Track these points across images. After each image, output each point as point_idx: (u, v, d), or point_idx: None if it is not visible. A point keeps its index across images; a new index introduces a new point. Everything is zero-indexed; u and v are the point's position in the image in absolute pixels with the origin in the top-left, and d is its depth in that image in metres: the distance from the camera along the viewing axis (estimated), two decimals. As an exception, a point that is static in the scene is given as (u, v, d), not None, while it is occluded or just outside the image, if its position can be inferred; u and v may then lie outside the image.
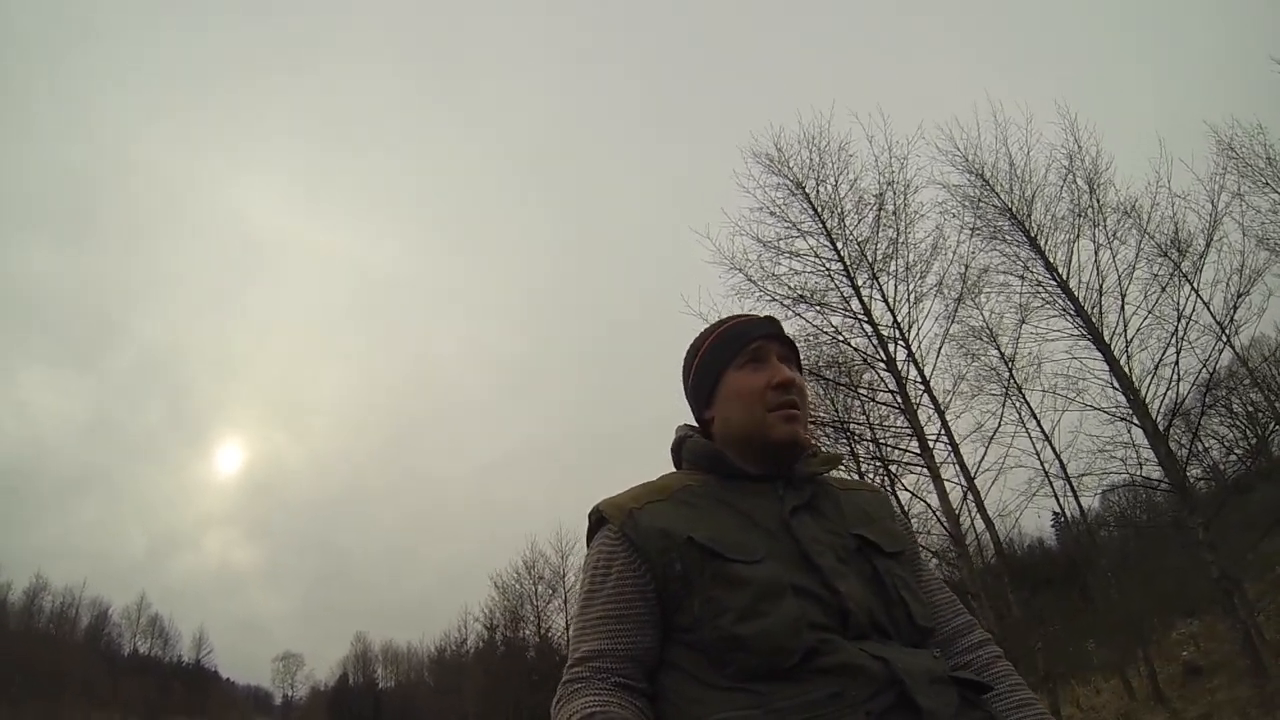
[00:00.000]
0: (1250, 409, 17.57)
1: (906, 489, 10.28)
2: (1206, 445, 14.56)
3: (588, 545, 1.24)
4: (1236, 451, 17.28)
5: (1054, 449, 12.85)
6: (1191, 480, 10.55)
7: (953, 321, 10.35)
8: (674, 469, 1.36)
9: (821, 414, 10.35)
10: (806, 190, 10.57)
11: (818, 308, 10.33)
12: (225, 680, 68.72)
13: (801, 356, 1.39)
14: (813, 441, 1.33)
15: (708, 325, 1.39)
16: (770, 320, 1.34)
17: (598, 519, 1.22)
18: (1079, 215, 10.15)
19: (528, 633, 31.31)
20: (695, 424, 1.39)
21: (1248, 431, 17.82)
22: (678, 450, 1.35)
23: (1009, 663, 1.24)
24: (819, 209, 10.51)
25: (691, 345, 1.39)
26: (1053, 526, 27.95)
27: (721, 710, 1.01)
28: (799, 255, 10.55)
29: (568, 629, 29.79)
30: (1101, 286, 9.90)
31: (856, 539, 1.18)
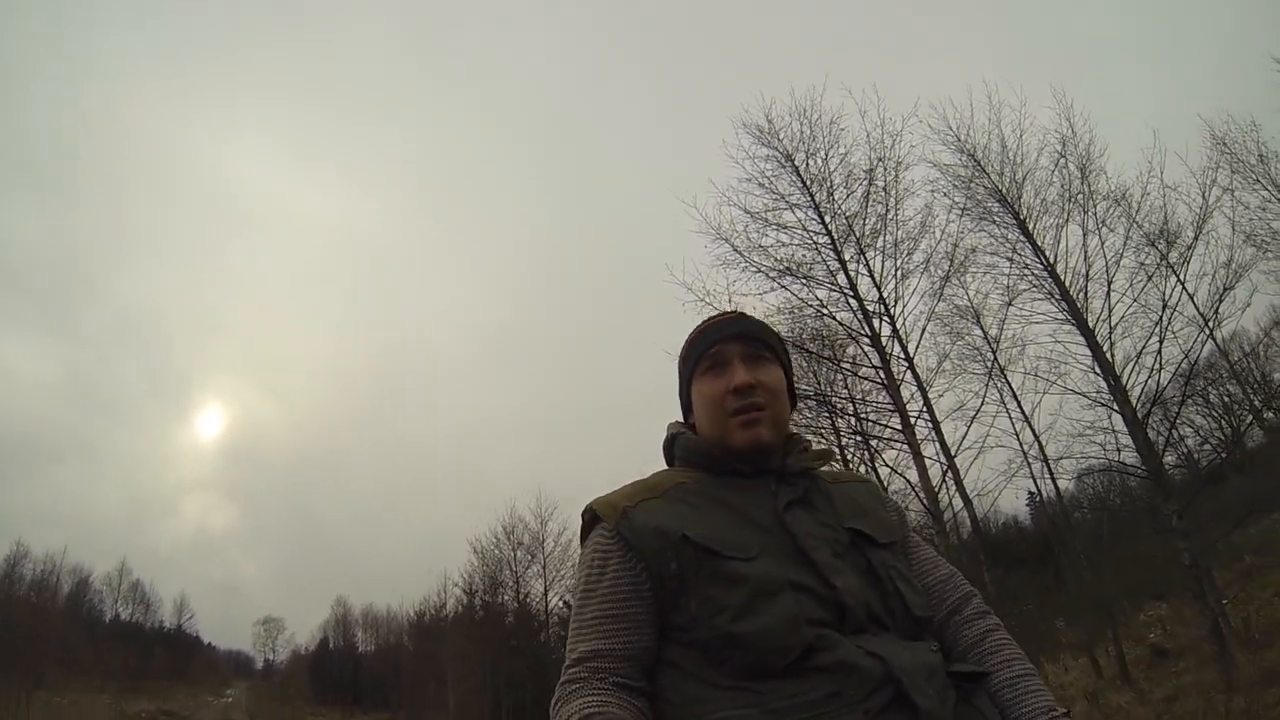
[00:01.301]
0: (1227, 400, 17.86)
1: (886, 464, 10.39)
2: (1182, 434, 14.77)
3: (581, 544, 1.24)
4: (1211, 442, 17.61)
5: (1033, 431, 13.00)
6: (1167, 468, 10.68)
7: (939, 300, 10.41)
8: (665, 465, 1.36)
9: (804, 386, 10.34)
10: (796, 163, 10.51)
11: (803, 280, 10.30)
12: (207, 645, 69.16)
13: (786, 330, 1.39)
14: (800, 435, 1.33)
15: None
16: (730, 320, 1.34)
17: (591, 518, 1.22)
18: (1069, 200, 10.16)
19: (506, 598, 31.45)
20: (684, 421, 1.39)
21: (1223, 423, 18.14)
22: (669, 447, 1.35)
23: (1006, 633, 1.23)
24: (808, 182, 10.46)
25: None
26: (1027, 506, 28.49)
27: (720, 709, 1.01)
28: (786, 227, 10.52)
29: (546, 595, 30.05)
30: (1088, 272, 9.95)
31: (850, 532, 1.19)
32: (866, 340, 9.99)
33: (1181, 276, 9.65)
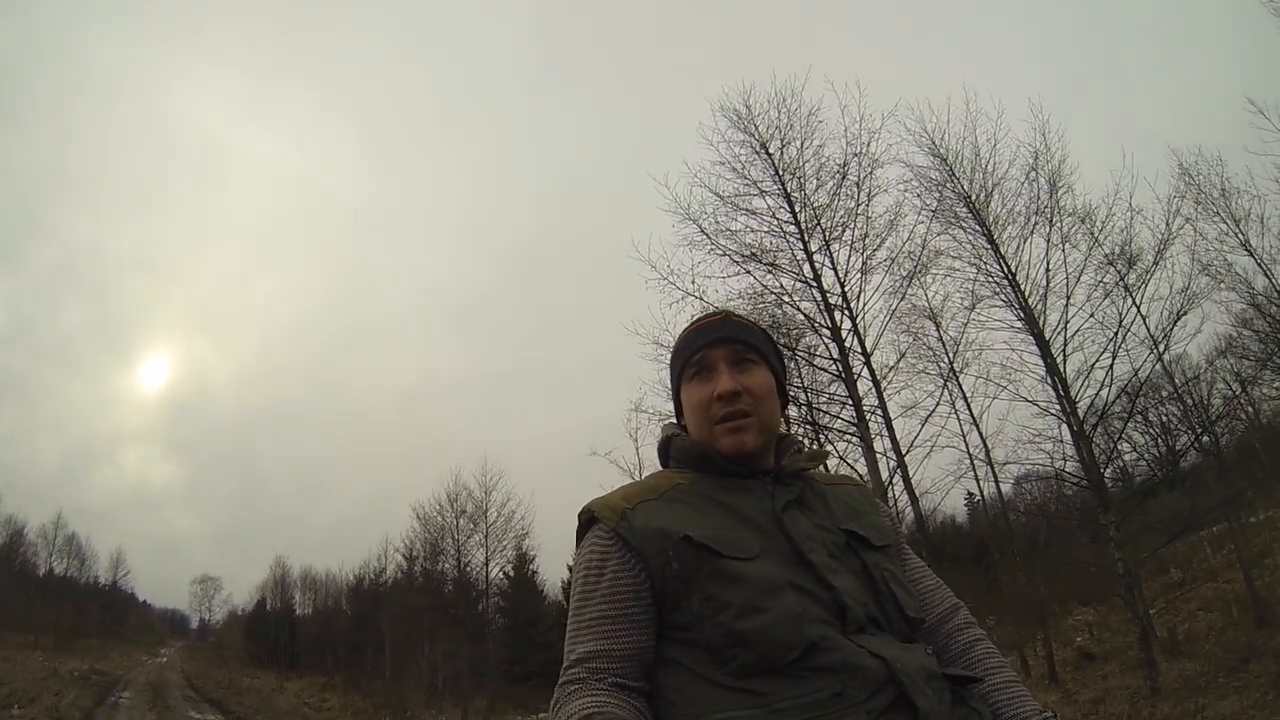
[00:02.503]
0: (1165, 420, 18.51)
1: (836, 454, 10.50)
2: (1121, 449, 15.28)
3: (577, 545, 1.23)
4: (1147, 458, 18.26)
5: (981, 434, 13.30)
6: (1107, 481, 11.02)
7: (901, 299, 10.51)
8: (661, 467, 1.37)
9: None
10: (770, 151, 10.52)
11: (768, 267, 10.34)
12: (142, 603, 67.63)
13: (745, 313, 1.36)
14: (794, 436, 1.35)
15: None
16: (715, 324, 1.32)
17: (588, 519, 1.22)
18: (1036, 213, 10.33)
19: (447, 566, 31.05)
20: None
21: (1159, 441, 18.82)
22: (665, 448, 1.36)
23: (992, 645, 1.27)
24: (780, 170, 10.47)
25: None
26: (965, 506, 29.34)
27: (723, 709, 1.01)
28: (755, 214, 10.56)
29: (487, 564, 29.92)
30: (1049, 285, 10.14)
31: (845, 534, 1.20)
32: (827, 332, 10.06)
33: (1138, 299, 9.90)
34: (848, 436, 10.08)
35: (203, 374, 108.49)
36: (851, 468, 10.19)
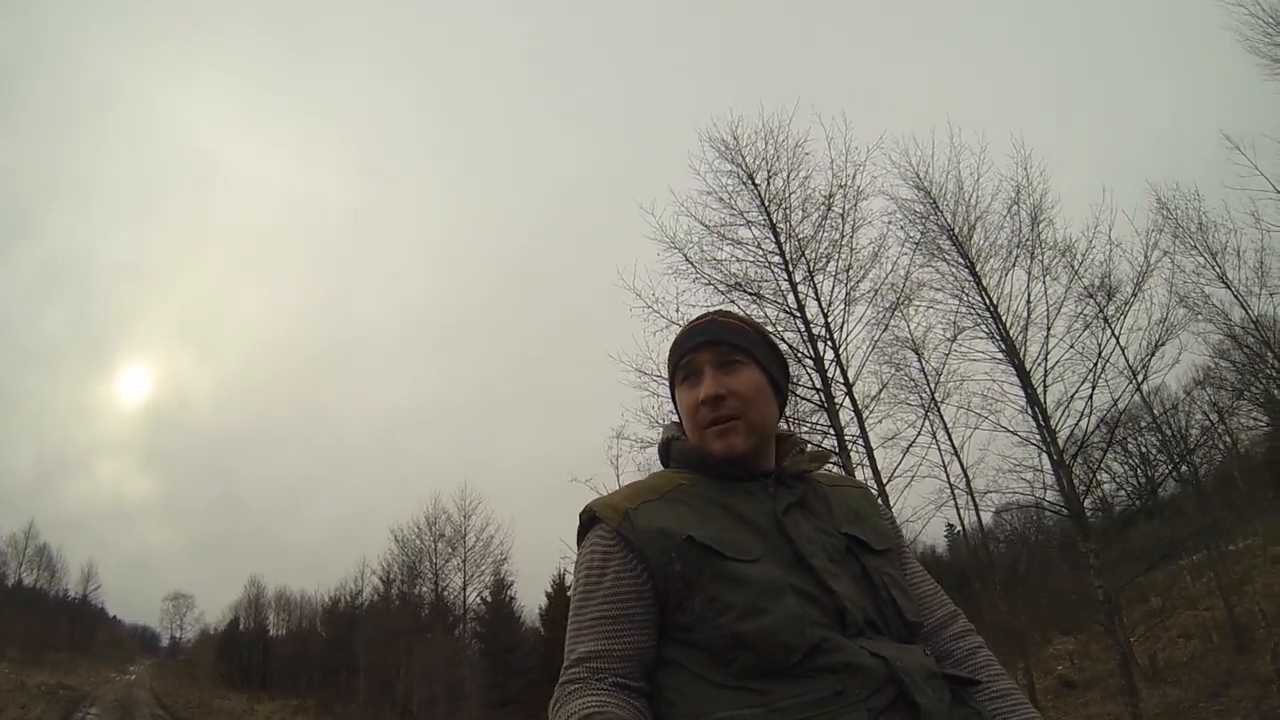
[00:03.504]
0: (1144, 451, 18.71)
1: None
2: (1100, 479, 15.41)
3: (578, 545, 1.23)
4: (1126, 488, 18.41)
5: (961, 464, 13.31)
6: (1087, 510, 11.07)
7: (883, 329, 10.52)
8: (662, 468, 1.37)
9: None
10: (757, 181, 10.55)
11: (752, 297, 10.33)
12: (112, 618, 66.01)
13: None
14: (797, 436, 1.36)
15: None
16: (700, 328, 1.32)
17: (590, 519, 1.22)
18: (1018, 246, 10.45)
19: (424, 589, 30.93)
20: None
21: (1139, 471, 19.00)
22: (665, 450, 1.36)
23: (990, 653, 1.27)
24: (766, 201, 10.51)
25: None
26: (945, 537, 29.39)
27: (724, 708, 1.01)
28: (741, 244, 10.56)
29: (464, 589, 29.64)
30: (1029, 316, 10.22)
31: (846, 538, 1.20)
32: (810, 362, 10.07)
33: (1116, 330, 10.00)
34: (829, 466, 10.04)
35: (183, 386, 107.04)
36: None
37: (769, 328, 10.25)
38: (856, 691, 1.00)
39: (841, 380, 10.06)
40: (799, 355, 10.09)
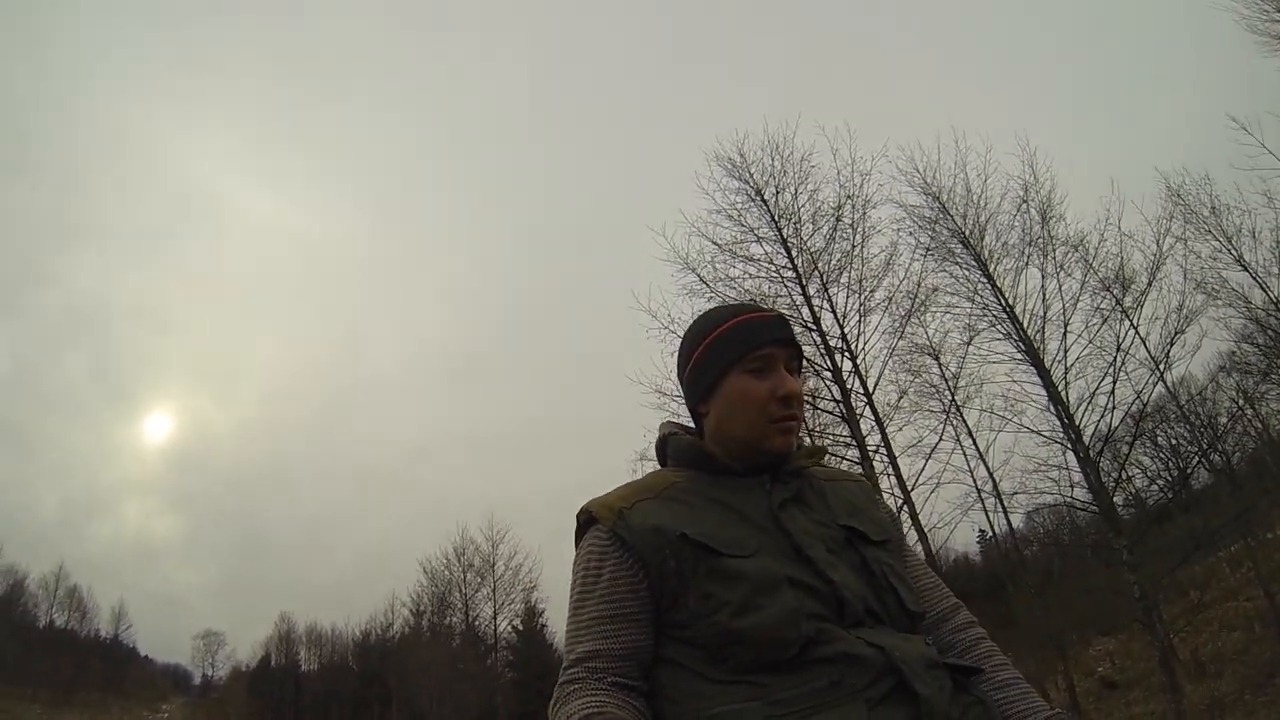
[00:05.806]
0: (1174, 443, 18.43)
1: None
2: (1130, 474, 15.19)
3: (576, 546, 1.22)
4: (1158, 482, 18.11)
5: (987, 467, 13.17)
6: (1117, 507, 10.91)
7: (900, 337, 10.53)
8: (658, 466, 1.36)
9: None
10: (765, 197, 10.64)
11: (767, 313, 10.34)
12: (143, 657, 66.14)
13: None
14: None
15: (714, 309, 1.34)
16: (781, 323, 1.29)
17: (586, 519, 1.21)
18: (1029, 244, 10.42)
19: (455, 620, 30.77)
20: (678, 419, 1.39)
21: (1170, 464, 18.70)
22: (662, 447, 1.35)
23: (994, 643, 1.26)
24: (776, 216, 10.59)
25: (693, 331, 1.34)
26: (978, 543, 28.91)
27: (722, 703, 1.01)
28: (753, 260, 10.66)
29: (495, 619, 29.55)
30: (1046, 314, 10.19)
31: (844, 529, 1.19)
32: (828, 375, 10.07)
33: (1135, 320, 9.93)
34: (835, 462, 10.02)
35: (204, 426, 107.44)
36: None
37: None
38: (853, 681, 0.99)
39: (861, 390, 10.06)
40: (816, 369, 10.09)
